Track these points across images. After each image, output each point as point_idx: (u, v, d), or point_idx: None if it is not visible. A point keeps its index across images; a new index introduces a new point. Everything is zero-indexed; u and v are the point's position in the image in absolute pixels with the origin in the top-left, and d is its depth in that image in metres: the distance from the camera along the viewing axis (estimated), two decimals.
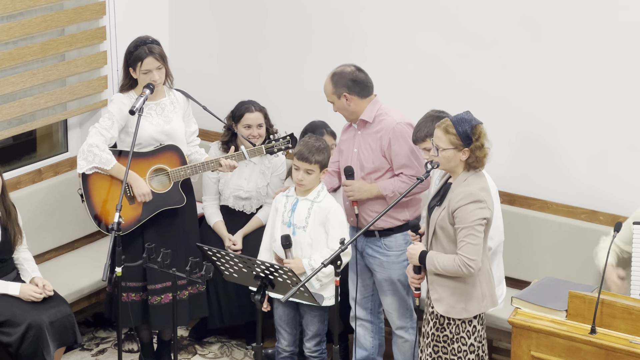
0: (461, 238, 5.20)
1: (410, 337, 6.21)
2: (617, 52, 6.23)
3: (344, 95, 5.97)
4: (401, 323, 6.20)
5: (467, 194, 5.20)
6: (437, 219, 5.30)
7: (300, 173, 5.93)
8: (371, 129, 6.02)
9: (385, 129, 5.96)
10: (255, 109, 6.71)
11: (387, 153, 5.98)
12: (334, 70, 6.02)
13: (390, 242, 6.08)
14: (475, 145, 5.22)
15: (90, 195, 6.21)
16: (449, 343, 5.39)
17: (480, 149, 5.24)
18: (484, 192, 5.24)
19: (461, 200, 5.20)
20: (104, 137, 6.17)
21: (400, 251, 6.08)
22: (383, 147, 5.98)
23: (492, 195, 5.38)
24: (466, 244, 5.19)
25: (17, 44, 6.69)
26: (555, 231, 6.49)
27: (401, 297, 6.14)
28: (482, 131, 5.25)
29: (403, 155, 5.96)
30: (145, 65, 6.15)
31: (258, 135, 6.70)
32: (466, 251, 5.18)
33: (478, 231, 5.19)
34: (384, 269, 6.11)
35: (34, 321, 5.98)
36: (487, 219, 5.23)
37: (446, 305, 5.34)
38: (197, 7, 7.55)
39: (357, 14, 6.99)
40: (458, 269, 5.21)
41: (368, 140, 6.03)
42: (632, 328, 5.10)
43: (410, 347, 6.22)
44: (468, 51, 6.65)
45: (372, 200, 6.04)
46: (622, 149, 6.33)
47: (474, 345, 5.38)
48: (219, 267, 5.55)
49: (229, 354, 6.87)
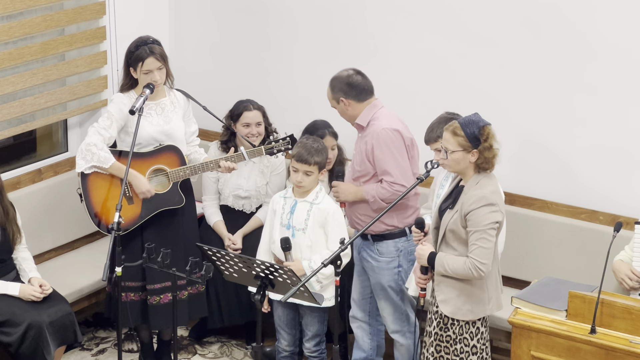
0: (473, 241, 5.19)
1: (406, 342, 6.21)
2: (617, 52, 6.23)
3: (342, 99, 5.97)
4: (396, 327, 6.20)
5: (480, 197, 5.19)
6: (449, 222, 5.28)
7: (299, 175, 5.92)
8: (364, 133, 6.03)
9: (371, 134, 5.95)
10: (253, 108, 6.71)
11: (370, 158, 5.97)
12: (334, 75, 6.03)
13: (382, 247, 6.08)
14: (484, 147, 5.22)
15: (89, 195, 6.21)
16: (452, 343, 5.39)
17: (489, 150, 5.24)
18: (496, 195, 5.24)
19: (474, 204, 5.19)
20: (102, 136, 6.17)
21: (391, 258, 6.07)
22: (367, 152, 5.97)
23: (503, 199, 5.39)
24: (478, 248, 5.18)
25: (17, 44, 6.68)
26: (555, 231, 6.49)
27: (394, 303, 6.14)
28: (491, 132, 5.25)
29: (384, 161, 5.93)
30: (146, 66, 6.15)
31: (257, 134, 6.70)
32: (478, 255, 5.18)
33: (490, 235, 5.18)
34: (375, 273, 6.11)
35: (34, 321, 5.98)
36: (499, 222, 5.23)
37: (452, 307, 5.33)
38: (197, 7, 7.55)
39: (360, 13, 6.98)
40: (468, 272, 5.20)
41: (360, 144, 6.04)
42: (632, 328, 5.10)
43: (407, 350, 6.22)
44: (471, 51, 6.64)
45: (359, 204, 6.03)
46: (623, 148, 6.33)
47: (476, 347, 5.38)
48: (219, 267, 5.55)
49: (229, 354, 6.87)
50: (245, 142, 6.61)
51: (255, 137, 6.68)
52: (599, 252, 5.98)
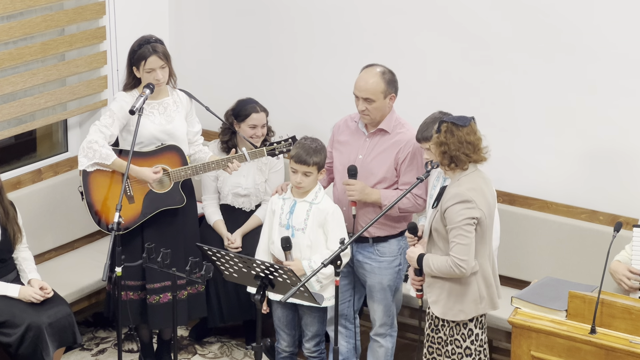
0: (451, 239, 5.22)
1: (386, 344, 6.22)
2: (617, 52, 6.23)
3: (392, 96, 5.93)
4: (381, 330, 6.20)
5: (455, 194, 5.21)
6: (432, 221, 5.32)
7: (298, 176, 5.91)
8: (388, 139, 5.98)
9: (406, 144, 5.94)
10: (260, 110, 6.72)
11: (399, 166, 5.96)
12: (381, 69, 5.92)
13: (383, 247, 6.07)
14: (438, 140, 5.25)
15: (90, 193, 6.21)
16: (443, 345, 5.39)
17: (443, 145, 5.25)
18: (473, 192, 5.23)
19: (449, 200, 5.22)
20: (103, 134, 6.17)
21: (393, 257, 6.08)
22: (398, 160, 5.95)
23: (489, 197, 5.36)
24: (456, 245, 5.20)
25: (17, 44, 6.68)
26: (555, 231, 6.49)
27: (387, 304, 6.15)
28: (472, 126, 5.27)
29: (414, 173, 5.95)
30: (148, 64, 6.15)
31: (261, 135, 6.71)
32: (456, 252, 5.20)
33: (467, 231, 5.19)
34: (375, 274, 6.09)
35: (33, 322, 5.98)
36: (477, 218, 5.22)
37: (443, 307, 5.34)
38: (197, 7, 7.55)
39: (362, 13, 6.98)
40: (450, 270, 5.22)
41: (382, 149, 5.98)
42: (632, 328, 5.10)
43: (385, 353, 6.23)
44: (470, 51, 6.64)
45: (368, 207, 6.02)
46: (622, 148, 6.33)
47: (470, 348, 5.38)
48: (219, 267, 5.55)
49: (229, 354, 6.87)
50: (247, 142, 6.61)
51: (259, 138, 6.69)
52: (599, 252, 5.99)
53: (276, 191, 6.13)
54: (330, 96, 7.09)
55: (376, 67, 5.94)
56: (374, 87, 5.87)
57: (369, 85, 5.88)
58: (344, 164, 6.06)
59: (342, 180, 6.05)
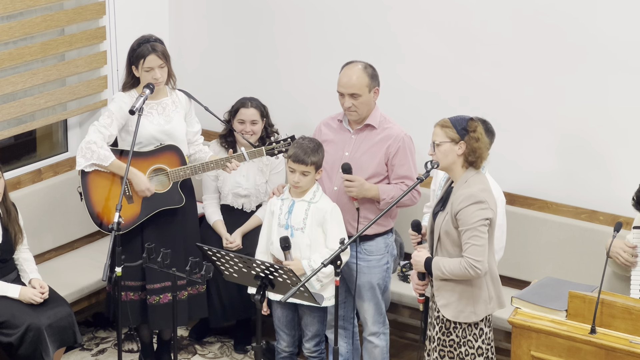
0: (465, 240, 5.19)
1: (381, 343, 6.22)
2: (617, 52, 6.23)
3: (376, 89, 5.96)
4: (374, 329, 6.20)
5: (468, 196, 5.19)
6: (442, 224, 5.28)
7: (296, 175, 5.91)
8: (376, 134, 5.99)
9: (395, 139, 5.96)
10: (251, 105, 6.69)
11: (390, 161, 5.97)
12: (362, 64, 5.95)
13: (371, 246, 6.07)
14: (471, 137, 5.21)
15: (89, 194, 6.21)
16: (456, 347, 5.37)
17: (477, 142, 5.23)
18: (485, 192, 5.23)
19: (462, 202, 5.19)
20: (102, 134, 6.17)
21: (381, 255, 6.08)
22: (389, 155, 5.96)
23: (496, 197, 5.37)
24: (471, 246, 5.17)
25: (17, 44, 6.69)
26: (555, 231, 6.49)
27: (377, 303, 6.14)
28: (479, 125, 5.26)
29: (407, 167, 5.96)
30: (147, 63, 6.15)
31: (251, 132, 6.67)
32: (471, 253, 5.17)
33: (481, 232, 5.18)
34: (363, 274, 6.09)
35: (33, 323, 5.98)
36: (490, 219, 5.22)
37: (454, 310, 5.31)
38: (197, 7, 7.55)
39: (361, 12, 6.99)
40: (465, 272, 5.19)
41: (371, 144, 5.99)
42: (632, 328, 5.10)
43: (381, 352, 6.23)
44: (470, 51, 6.65)
45: (365, 203, 6.01)
46: (622, 148, 6.33)
47: (481, 347, 5.37)
48: (219, 267, 5.55)
49: (229, 354, 6.87)
50: (244, 141, 6.60)
51: (250, 135, 6.66)
52: (599, 252, 5.99)
53: (273, 193, 6.13)
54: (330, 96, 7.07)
55: (357, 63, 5.99)
56: (359, 81, 5.92)
57: (354, 80, 5.92)
58: (329, 162, 6.06)
59: (329, 178, 6.07)
